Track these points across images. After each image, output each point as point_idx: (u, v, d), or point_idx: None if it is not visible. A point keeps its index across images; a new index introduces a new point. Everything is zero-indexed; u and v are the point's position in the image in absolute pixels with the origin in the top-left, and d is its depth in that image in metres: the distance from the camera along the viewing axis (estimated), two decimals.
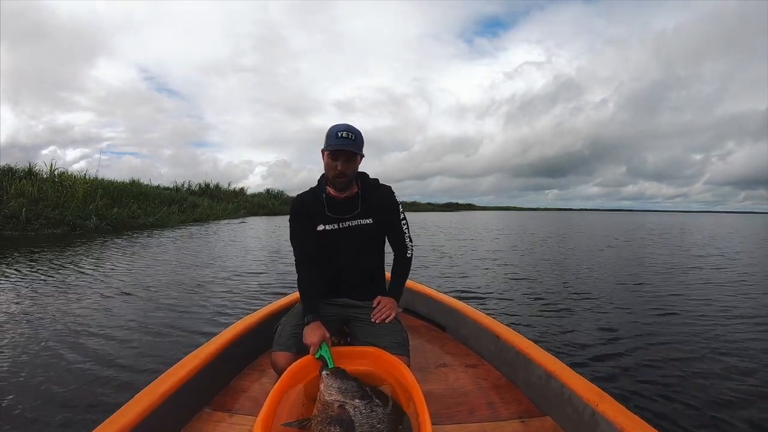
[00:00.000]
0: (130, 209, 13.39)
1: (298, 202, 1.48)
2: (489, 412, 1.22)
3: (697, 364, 2.45)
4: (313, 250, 1.43)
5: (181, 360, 1.23)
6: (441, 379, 1.43)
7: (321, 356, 1.20)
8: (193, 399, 1.18)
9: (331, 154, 1.34)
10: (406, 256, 1.53)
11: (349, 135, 1.32)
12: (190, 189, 23.18)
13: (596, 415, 1.01)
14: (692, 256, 8.10)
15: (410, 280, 1.76)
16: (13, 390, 1.94)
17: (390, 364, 1.21)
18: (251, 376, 1.44)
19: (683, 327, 3.23)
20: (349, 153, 1.33)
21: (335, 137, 1.32)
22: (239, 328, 1.52)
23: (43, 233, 9.62)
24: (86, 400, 1.85)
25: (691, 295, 4.42)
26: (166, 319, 3.23)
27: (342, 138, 1.31)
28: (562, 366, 1.22)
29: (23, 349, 2.48)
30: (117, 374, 2.14)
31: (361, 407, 0.95)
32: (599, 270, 6.21)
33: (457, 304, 1.89)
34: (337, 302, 1.49)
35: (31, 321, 3.08)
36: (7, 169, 12.42)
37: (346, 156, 1.33)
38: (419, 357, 1.51)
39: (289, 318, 1.45)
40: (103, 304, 3.65)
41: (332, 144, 1.32)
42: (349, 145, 1.32)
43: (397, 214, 1.49)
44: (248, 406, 1.25)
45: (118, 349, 2.51)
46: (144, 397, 1.01)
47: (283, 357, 1.30)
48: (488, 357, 1.58)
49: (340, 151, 1.32)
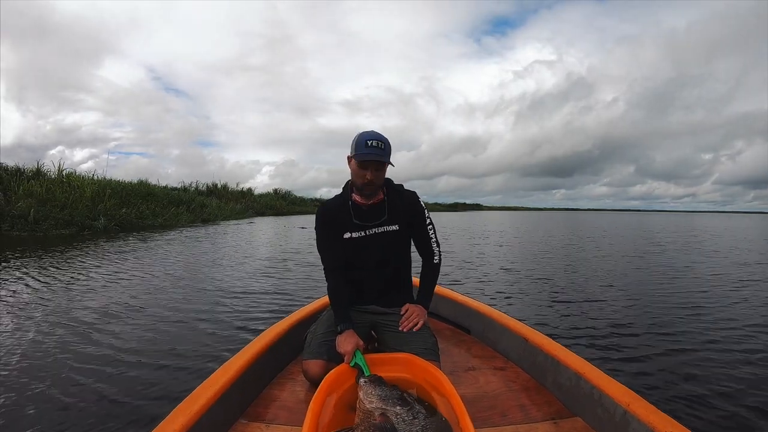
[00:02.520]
0: (138, 210, 13.26)
1: (325, 209, 1.47)
2: (521, 415, 1.22)
3: (731, 366, 2.39)
4: (342, 258, 1.44)
5: (215, 372, 1.20)
6: (471, 383, 1.43)
7: (356, 364, 1.22)
8: (229, 411, 1.16)
9: (360, 163, 1.33)
10: (433, 261, 1.52)
11: (379, 144, 1.31)
12: (198, 189, 23.11)
13: (628, 414, 1.01)
14: (731, 261, 7.68)
15: None
16: (37, 404, 1.83)
17: (424, 369, 1.22)
18: (282, 385, 1.42)
19: (717, 331, 3.08)
20: (378, 163, 1.33)
21: (365, 146, 1.31)
22: (269, 336, 1.49)
23: (51, 234, 9.52)
24: (121, 413, 1.76)
25: (730, 299, 4.20)
26: (193, 324, 3.10)
27: (372, 147, 1.30)
28: (591, 367, 1.23)
29: (43, 366, 2.28)
30: (150, 386, 2.02)
31: (403, 414, 0.95)
32: (622, 272, 5.93)
33: (482, 306, 1.88)
34: (365, 309, 1.49)
35: (49, 328, 2.87)
36: (15, 170, 12.36)
37: (375, 166, 1.33)
38: (446, 360, 1.49)
39: (318, 326, 1.47)
40: (126, 309, 3.49)
41: (362, 153, 1.31)
42: (379, 155, 1.31)
43: (423, 219, 1.48)
44: (283, 416, 1.22)
45: (148, 362, 2.35)
46: (180, 413, 0.98)
47: (315, 365, 1.33)
48: (516, 359, 1.58)
49: (370, 161, 1.31)
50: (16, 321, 3.08)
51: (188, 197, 18.14)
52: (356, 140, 1.34)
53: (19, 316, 3.19)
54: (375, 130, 1.36)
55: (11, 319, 3.12)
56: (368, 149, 1.31)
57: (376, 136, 1.33)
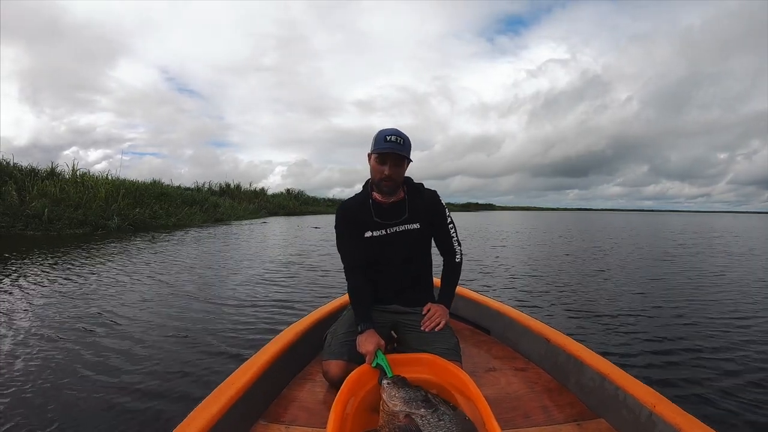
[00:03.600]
0: (151, 209, 13.16)
1: (345, 208, 1.47)
2: (544, 416, 1.20)
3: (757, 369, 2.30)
4: (362, 257, 1.43)
5: (234, 372, 1.18)
6: (493, 384, 1.41)
7: (378, 365, 1.20)
8: (249, 412, 1.14)
9: (379, 157, 1.33)
10: (455, 260, 1.51)
11: (398, 139, 1.31)
12: (211, 189, 23.05)
13: (653, 416, 0.99)
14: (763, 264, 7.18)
15: None
16: (59, 404, 1.78)
17: (448, 370, 1.21)
18: (302, 386, 1.40)
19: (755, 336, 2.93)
20: (397, 156, 1.32)
21: (383, 141, 1.31)
22: (288, 336, 1.47)
23: (65, 233, 9.42)
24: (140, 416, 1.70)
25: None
26: (211, 323, 3.02)
27: (390, 142, 1.31)
28: (615, 368, 1.21)
29: (58, 364, 2.22)
30: (169, 386, 1.98)
31: (428, 416, 0.92)
32: (650, 275, 5.55)
33: (502, 307, 1.87)
34: (386, 309, 1.48)
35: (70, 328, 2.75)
36: (30, 170, 12.34)
37: (393, 160, 1.33)
38: (467, 361, 1.45)
39: (338, 325, 1.46)
40: (149, 308, 3.38)
41: (380, 147, 1.31)
42: (398, 149, 1.31)
43: (444, 218, 1.47)
44: (303, 417, 1.21)
45: (171, 358, 2.32)
46: (200, 414, 0.96)
47: (336, 365, 1.31)
48: (537, 360, 1.56)
49: (388, 154, 1.31)
50: (26, 321, 2.95)
51: (201, 197, 18.07)
52: (376, 137, 1.35)
53: (28, 316, 3.07)
54: (394, 128, 1.37)
55: (21, 319, 3.00)
56: (387, 143, 1.31)
57: (395, 132, 1.33)
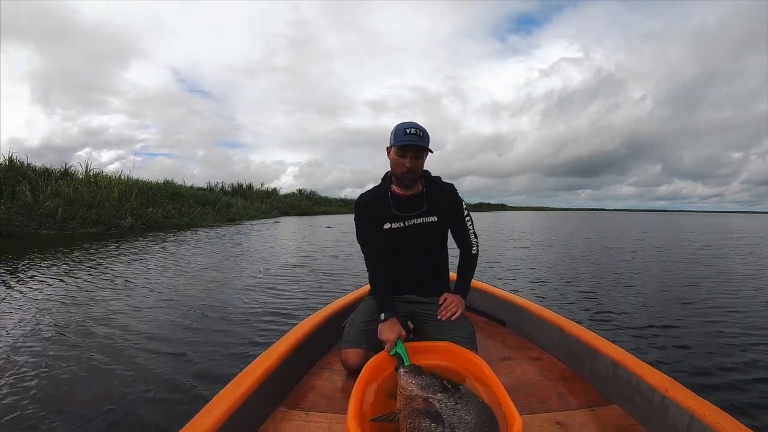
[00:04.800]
0: (164, 209, 13.06)
1: (364, 201, 1.50)
2: (559, 402, 1.22)
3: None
4: (382, 248, 1.46)
5: (254, 360, 1.19)
6: (508, 372, 1.42)
7: (396, 353, 1.22)
8: (269, 399, 1.15)
9: (399, 150, 1.35)
10: (471, 252, 1.53)
11: (417, 131, 1.34)
12: (224, 189, 22.96)
13: (666, 400, 1.02)
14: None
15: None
16: (70, 400, 1.74)
17: (464, 357, 1.23)
18: (320, 374, 1.41)
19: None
20: (417, 148, 1.35)
21: (403, 133, 1.33)
22: (308, 325, 1.50)
23: (78, 232, 9.31)
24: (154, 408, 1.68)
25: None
26: (230, 314, 3.07)
27: (411, 134, 1.33)
28: (628, 355, 1.23)
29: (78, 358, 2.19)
30: (189, 378, 1.97)
31: (445, 400, 0.94)
32: (681, 280, 5.35)
33: (516, 298, 1.90)
34: (404, 299, 1.50)
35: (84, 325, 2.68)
36: (43, 170, 12.29)
37: (414, 152, 1.35)
38: (482, 351, 1.41)
39: (357, 315, 1.49)
40: (164, 305, 3.32)
41: (401, 140, 1.33)
42: (418, 141, 1.33)
43: (461, 211, 1.50)
44: (322, 403, 1.21)
45: (187, 352, 2.29)
46: (222, 400, 0.97)
47: (354, 354, 1.34)
48: (552, 350, 1.57)
49: (410, 146, 1.34)
50: (37, 315, 2.91)
51: (214, 197, 17.99)
52: (395, 130, 1.36)
53: (42, 311, 3.02)
54: (413, 121, 1.38)
55: (35, 313, 2.95)
56: (407, 136, 1.33)
57: (414, 125, 1.35)
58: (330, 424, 1.09)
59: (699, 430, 0.92)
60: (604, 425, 1.11)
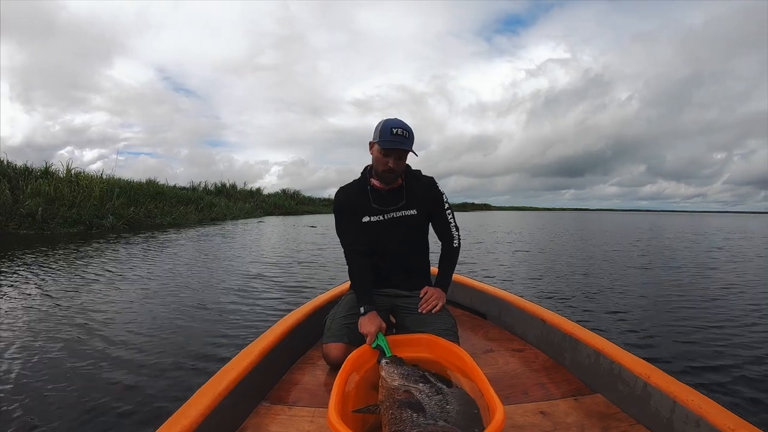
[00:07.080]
0: (146, 208, 13.15)
1: (343, 194, 1.48)
2: (542, 392, 1.24)
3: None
4: (361, 242, 1.45)
5: (236, 356, 1.20)
6: (491, 364, 1.44)
7: (378, 345, 1.23)
8: (251, 394, 1.16)
9: (384, 150, 1.33)
10: (453, 245, 1.52)
11: (404, 132, 1.32)
12: (207, 189, 22.98)
13: (648, 387, 1.03)
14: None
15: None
16: (57, 399, 1.75)
17: (445, 348, 1.25)
18: (303, 369, 1.43)
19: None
20: (401, 151, 1.34)
21: (389, 133, 1.31)
22: (289, 322, 1.49)
23: (59, 232, 9.39)
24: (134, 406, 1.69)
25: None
26: (208, 313, 3.10)
27: (397, 135, 1.31)
28: (610, 344, 1.24)
29: (67, 357, 2.22)
30: (168, 375, 2.00)
31: (426, 390, 0.95)
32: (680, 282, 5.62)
33: (498, 291, 1.90)
34: (384, 293, 1.49)
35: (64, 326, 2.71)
36: (23, 169, 12.24)
37: (398, 154, 1.34)
38: (465, 344, 1.45)
39: (338, 309, 1.47)
40: (149, 304, 3.40)
41: (386, 140, 1.32)
42: (403, 143, 1.32)
43: (441, 204, 1.49)
44: (306, 398, 1.23)
45: (164, 352, 2.31)
46: (203, 396, 0.97)
47: (336, 348, 1.34)
48: (534, 341, 1.60)
49: (394, 149, 1.32)
50: (22, 318, 2.94)
51: (197, 196, 18.02)
52: (381, 127, 1.34)
53: (25, 311, 3.07)
54: (399, 119, 1.36)
55: (17, 315, 2.99)
56: (393, 137, 1.31)
57: (400, 124, 1.33)
58: (313, 418, 1.09)
59: (682, 415, 0.93)
60: (587, 414, 1.12)
